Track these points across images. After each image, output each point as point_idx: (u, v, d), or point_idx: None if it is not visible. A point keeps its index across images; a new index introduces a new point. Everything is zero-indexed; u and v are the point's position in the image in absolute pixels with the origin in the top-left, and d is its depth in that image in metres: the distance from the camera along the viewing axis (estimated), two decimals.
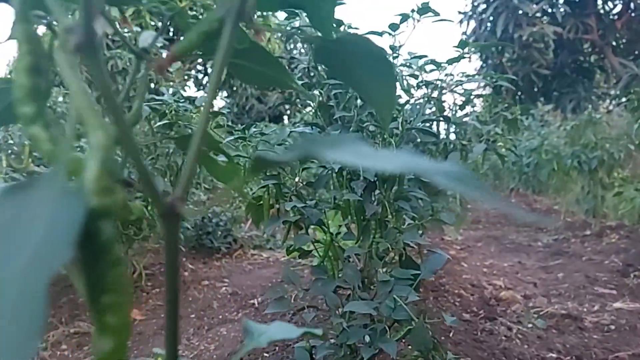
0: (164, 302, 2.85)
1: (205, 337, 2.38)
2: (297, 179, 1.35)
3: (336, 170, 1.35)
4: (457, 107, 2.50)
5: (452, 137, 2.70)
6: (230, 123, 1.97)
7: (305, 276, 3.24)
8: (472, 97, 2.52)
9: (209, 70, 10.58)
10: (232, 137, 1.39)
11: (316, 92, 1.38)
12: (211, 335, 2.39)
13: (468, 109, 2.60)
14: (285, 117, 11.63)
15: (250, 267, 4.03)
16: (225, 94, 11.34)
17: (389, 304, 1.28)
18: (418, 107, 1.51)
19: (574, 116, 7.80)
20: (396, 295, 1.31)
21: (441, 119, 1.75)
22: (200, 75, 10.80)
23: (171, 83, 4.20)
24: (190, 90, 9.65)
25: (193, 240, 4.40)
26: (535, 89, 8.64)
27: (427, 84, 1.47)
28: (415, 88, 1.54)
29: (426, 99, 1.51)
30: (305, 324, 1.40)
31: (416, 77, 1.47)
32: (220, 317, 2.72)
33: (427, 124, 1.58)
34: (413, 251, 1.70)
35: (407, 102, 1.49)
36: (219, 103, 11.35)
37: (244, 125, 1.40)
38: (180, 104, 1.74)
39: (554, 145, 5.60)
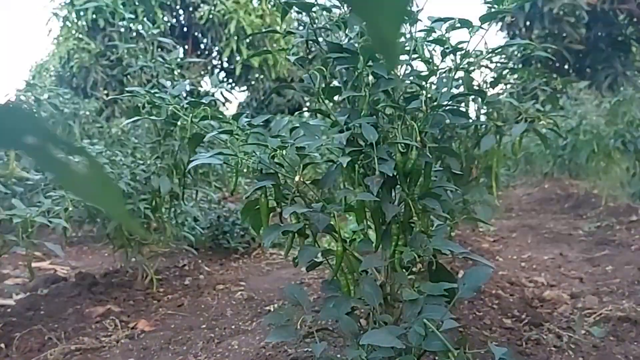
0: (175, 310, 2.61)
1: (214, 352, 2.16)
2: (297, 178, 1.09)
3: (345, 165, 1.08)
4: (488, 85, 2.19)
5: (482, 118, 2.38)
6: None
7: (322, 278, 2.99)
8: (505, 72, 2.20)
9: (225, 65, 10.41)
10: (215, 132, 1.13)
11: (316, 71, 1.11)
12: (221, 349, 2.17)
13: (500, 86, 2.28)
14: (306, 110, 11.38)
15: (268, 268, 3.81)
16: (244, 87, 11.16)
17: (418, 330, 1.01)
18: (445, 80, 1.23)
19: (611, 93, 7.27)
20: (427, 319, 1.03)
21: (473, 95, 1.46)
22: (217, 70, 10.61)
23: (187, 79, 3.96)
24: (207, 86, 9.48)
25: (209, 241, 4.20)
26: (567, 66, 8.10)
27: (455, 50, 1.18)
28: (441, 58, 1.26)
29: (454, 71, 1.22)
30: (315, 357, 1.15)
31: (442, 43, 1.19)
32: (233, 327, 2.50)
33: (457, 102, 1.28)
34: (446, 259, 1.42)
35: (431, 75, 1.21)
36: (238, 97, 11.20)
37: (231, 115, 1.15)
38: (158, 95, 1.49)
39: (593, 124, 5.16)
